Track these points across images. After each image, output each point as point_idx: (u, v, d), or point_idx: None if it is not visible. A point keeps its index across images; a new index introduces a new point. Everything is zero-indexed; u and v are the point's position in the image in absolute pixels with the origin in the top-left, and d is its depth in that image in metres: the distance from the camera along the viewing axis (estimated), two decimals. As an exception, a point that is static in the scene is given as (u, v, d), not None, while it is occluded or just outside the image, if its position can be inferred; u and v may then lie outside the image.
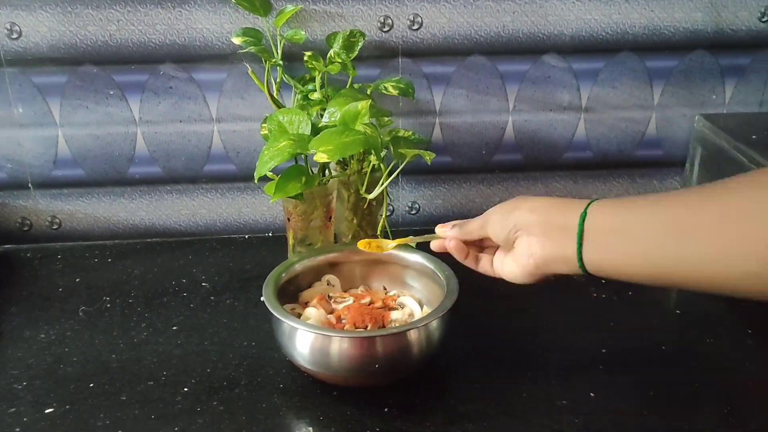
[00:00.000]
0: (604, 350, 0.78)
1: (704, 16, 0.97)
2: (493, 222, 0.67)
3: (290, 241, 0.91)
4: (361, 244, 0.75)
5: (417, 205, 1.06)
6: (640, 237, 0.55)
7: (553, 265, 0.62)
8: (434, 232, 0.73)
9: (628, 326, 0.82)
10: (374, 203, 0.91)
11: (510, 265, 0.67)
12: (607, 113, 1.02)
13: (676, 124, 1.04)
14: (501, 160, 1.04)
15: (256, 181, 0.79)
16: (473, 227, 0.69)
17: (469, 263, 0.72)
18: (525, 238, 0.63)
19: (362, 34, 0.89)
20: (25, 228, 1.02)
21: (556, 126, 1.02)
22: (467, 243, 0.71)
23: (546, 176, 1.05)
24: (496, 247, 0.71)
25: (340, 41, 0.88)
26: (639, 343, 0.79)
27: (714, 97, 1.02)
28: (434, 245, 0.73)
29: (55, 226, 1.02)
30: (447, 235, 0.72)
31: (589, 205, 0.59)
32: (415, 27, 0.95)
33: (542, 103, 1.01)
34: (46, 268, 0.96)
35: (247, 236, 1.05)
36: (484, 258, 0.71)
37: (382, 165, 0.85)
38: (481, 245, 0.72)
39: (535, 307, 0.86)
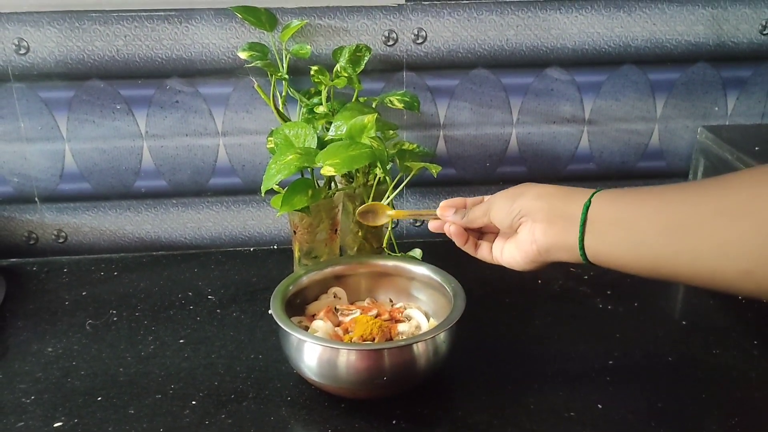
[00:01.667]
0: (610, 361, 0.78)
1: (706, 29, 0.98)
2: (498, 207, 0.67)
3: (296, 254, 0.91)
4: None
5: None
6: (639, 229, 0.56)
7: (555, 252, 0.62)
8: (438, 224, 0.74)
9: (635, 337, 0.83)
10: (379, 215, 0.91)
11: (511, 251, 0.67)
12: (610, 125, 1.03)
13: (678, 136, 1.04)
14: (505, 173, 1.04)
15: (262, 194, 0.79)
16: (476, 215, 0.70)
17: (467, 249, 0.72)
18: (529, 224, 0.63)
19: (368, 49, 0.90)
20: (32, 242, 1.02)
21: (559, 138, 1.03)
22: (467, 229, 0.72)
23: (550, 188, 1.06)
24: (495, 234, 0.71)
25: (347, 55, 0.89)
26: (645, 353, 0.80)
27: (716, 109, 1.03)
28: (432, 225, 0.74)
29: (61, 240, 1.02)
30: (448, 220, 0.72)
31: (594, 194, 0.60)
32: (420, 41, 0.96)
33: (546, 115, 1.01)
34: (52, 282, 0.96)
35: (252, 249, 1.05)
36: (484, 245, 0.72)
37: (387, 178, 0.85)
38: (480, 230, 0.73)
39: (541, 317, 0.87)
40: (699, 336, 0.83)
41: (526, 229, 0.64)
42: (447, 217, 0.72)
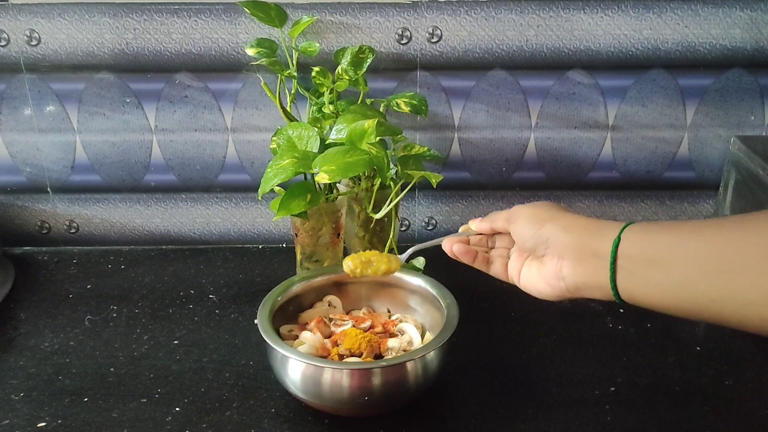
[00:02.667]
0: (612, 388, 0.74)
1: (743, 32, 0.92)
2: (522, 225, 0.62)
3: (298, 257, 0.90)
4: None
5: (434, 221, 1.03)
6: (678, 271, 0.51)
7: (586, 291, 0.58)
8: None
9: (642, 362, 0.78)
10: (386, 219, 0.89)
11: (532, 278, 0.62)
12: (635, 132, 0.97)
13: (710, 146, 0.98)
14: (522, 178, 1.00)
15: (259, 197, 0.78)
16: (499, 218, 0.65)
17: (479, 265, 0.68)
18: (555, 260, 0.59)
19: (372, 51, 0.87)
20: (45, 231, 1.03)
21: (580, 144, 0.98)
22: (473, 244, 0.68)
23: (569, 196, 1.01)
24: (507, 248, 0.67)
25: (348, 57, 0.86)
26: (651, 381, 0.75)
27: (752, 118, 0.97)
28: (444, 246, 0.68)
29: (72, 230, 1.03)
30: (472, 229, 0.68)
31: (623, 229, 0.55)
32: (435, 40, 0.92)
33: (566, 120, 0.97)
34: (61, 273, 0.97)
35: (260, 246, 1.04)
36: (497, 261, 0.67)
37: (391, 183, 0.82)
38: (490, 240, 0.68)
39: (546, 335, 0.83)
40: (712, 364, 0.78)
41: (552, 262, 0.59)
42: (474, 222, 0.68)
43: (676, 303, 0.52)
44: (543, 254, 0.60)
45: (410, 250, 0.72)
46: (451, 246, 0.67)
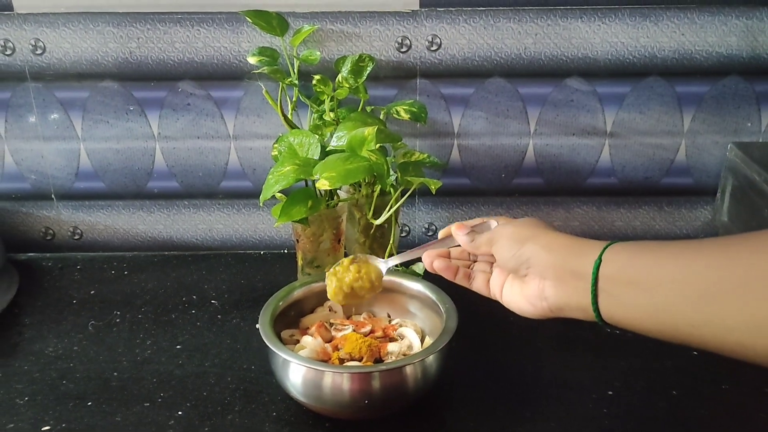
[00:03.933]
0: (610, 392, 0.75)
1: (739, 40, 0.93)
2: (503, 245, 0.61)
3: (299, 262, 0.91)
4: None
5: (434, 227, 1.04)
6: (658, 294, 0.50)
7: (568, 312, 0.57)
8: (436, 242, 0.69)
9: (639, 366, 0.79)
10: (386, 225, 0.90)
11: (515, 296, 0.62)
12: (633, 139, 0.98)
13: (707, 152, 0.99)
14: (521, 184, 1.01)
15: (261, 204, 0.79)
16: (482, 242, 0.64)
17: (460, 281, 0.68)
18: (538, 280, 0.59)
19: (371, 59, 0.88)
20: (49, 237, 1.04)
21: (579, 151, 0.99)
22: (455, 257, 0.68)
23: (568, 202, 1.02)
24: (490, 262, 0.67)
25: (349, 66, 0.87)
26: (648, 385, 0.76)
27: (749, 124, 0.98)
28: (425, 261, 0.68)
29: (76, 237, 1.04)
30: (459, 239, 0.66)
31: (605, 249, 0.54)
32: (434, 48, 0.93)
33: (565, 127, 0.98)
34: (65, 279, 0.98)
35: (262, 252, 1.05)
36: (479, 277, 0.67)
37: (391, 189, 0.83)
38: (473, 257, 0.69)
39: (543, 339, 0.84)
40: (709, 369, 0.78)
41: (534, 282, 0.59)
42: (458, 235, 0.66)
43: (657, 326, 0.51)
44: (525, 274, 0.60)
45: (391, 263, 0.72)
46: (431, 262, 0.68)
